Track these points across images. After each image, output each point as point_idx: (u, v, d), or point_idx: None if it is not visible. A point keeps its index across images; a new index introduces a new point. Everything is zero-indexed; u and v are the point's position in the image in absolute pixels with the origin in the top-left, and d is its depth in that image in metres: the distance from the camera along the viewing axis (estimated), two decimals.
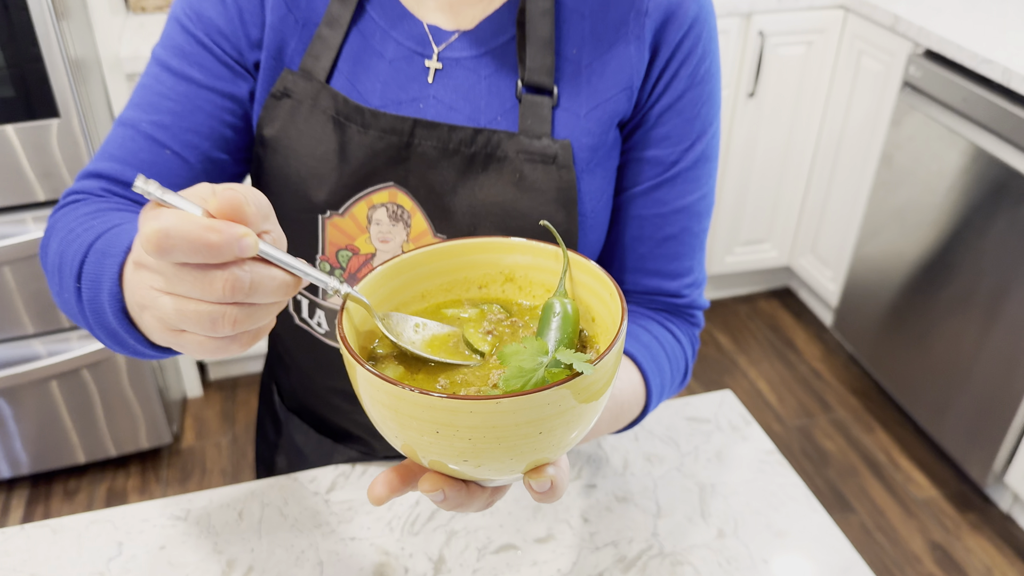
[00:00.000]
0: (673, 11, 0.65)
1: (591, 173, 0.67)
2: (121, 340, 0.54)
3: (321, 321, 0.74)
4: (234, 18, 0.66)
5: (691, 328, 0.77)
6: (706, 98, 0.69)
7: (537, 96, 0.65)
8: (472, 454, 0.41)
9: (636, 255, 0.73)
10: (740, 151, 2.34)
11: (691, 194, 0.72)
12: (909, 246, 2.08)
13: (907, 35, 1.99)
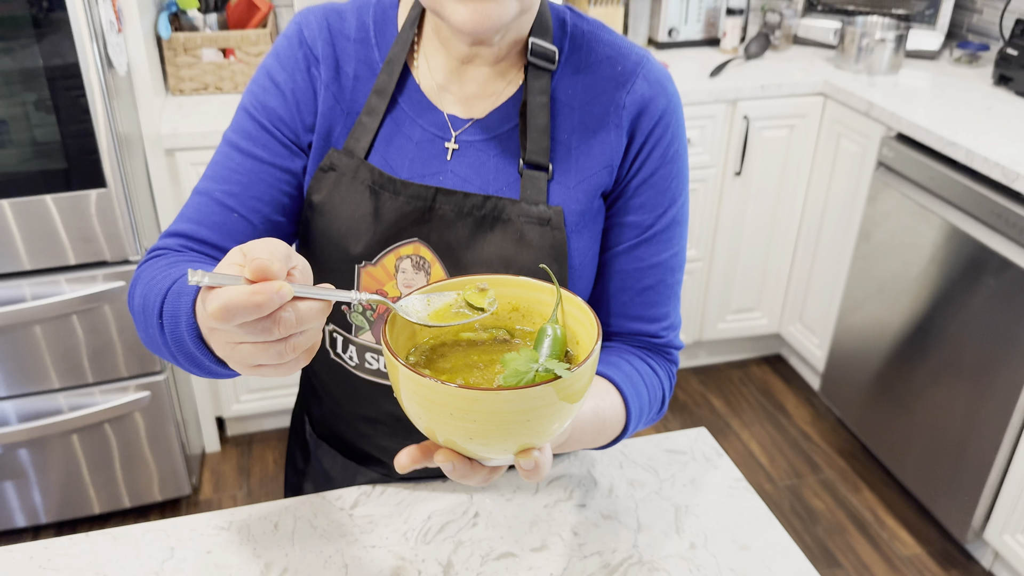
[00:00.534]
0: (646, 105, 0.81)
1: (579, 234, 0.82)
2: (200, 363, 0.67)
3: (352, 355, 0.87)
4: (292, 108, 0.82)
5: (668, 364, 0.90)
6: (675, 174, 0.84)
7: (535, 171, 0.80)
8: (476, 434, 0.55)
9: (620, 303, 0.87)
10: (729, 225, 2.50)
11: (665, 252, 0.86)
12: (890, 316, 2.21)
13: (880, 120, 2.17)
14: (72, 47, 1.66)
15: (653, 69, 0.82)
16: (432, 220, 0.79)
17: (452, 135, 0.82)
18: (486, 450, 0.57)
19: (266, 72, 0.83)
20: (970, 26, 2.70)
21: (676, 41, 2.59)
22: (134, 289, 0.77)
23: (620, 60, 0.82)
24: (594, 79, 0.82)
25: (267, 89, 0.82)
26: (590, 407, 0.76)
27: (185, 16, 2.15)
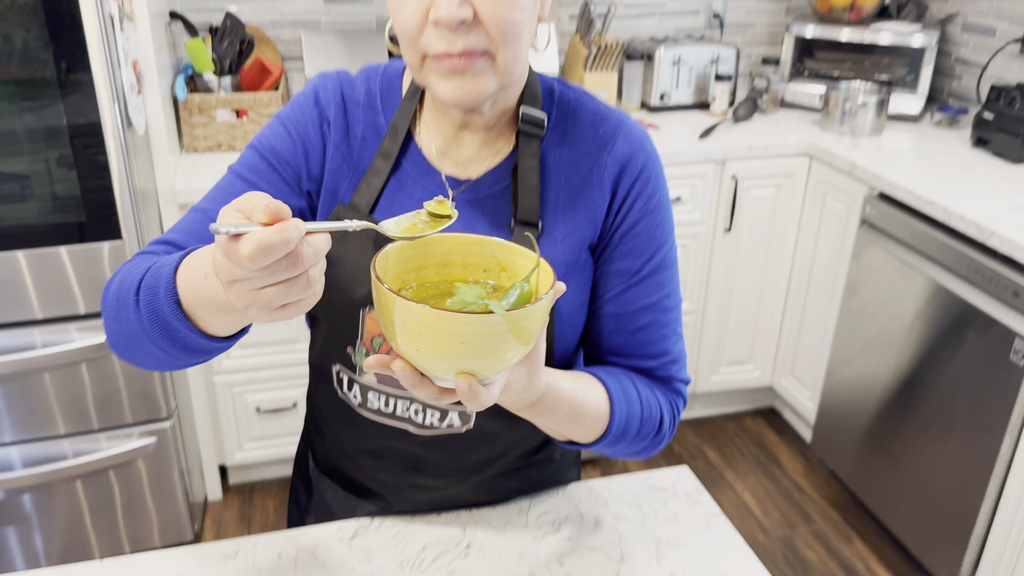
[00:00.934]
0: (626, 163, 0.89)
1: (566, 281, 0.89)
2: (176, 334, 0.72)
3: (356, 394, 0.94)
4: (300, 154, 0.90)
5: (672, 394, 0.95)
6: (658, 223, 0.92)
7: (526, 227, 0.87)
8: (420, 346, 0.63)
9: (616, 344, 0.93)
10: (720, 279, 2.58)
11: (654, 295, 0.92)
12: (878, 370, 2.27)
13: (863, 179, 2.27)
14: (95, 107, 1.76)
15: (632, 130, 0.91)
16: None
17: (450, 194, 0.89)
18: (428, 363, 0.65)
19: (280, 120, 0.92)
20: (950, 91, 2.82)
21: (668, 105, 2.70)
22: (112, 281, 0.82)
23: (601, 124, 0.90)
24: (579, 142, 0.90)
25: (278, 134, 0.90)
26: (569, 387, 0.83)
27: (201, 79, 2.27)
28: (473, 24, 0.75)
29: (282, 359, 2.31)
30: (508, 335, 0.63)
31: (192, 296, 0.70)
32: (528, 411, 0.81)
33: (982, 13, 2.66)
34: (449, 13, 0.73)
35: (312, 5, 2.60)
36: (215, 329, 0.73)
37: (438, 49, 0.76)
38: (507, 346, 0.64)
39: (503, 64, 0.79)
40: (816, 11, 2.80)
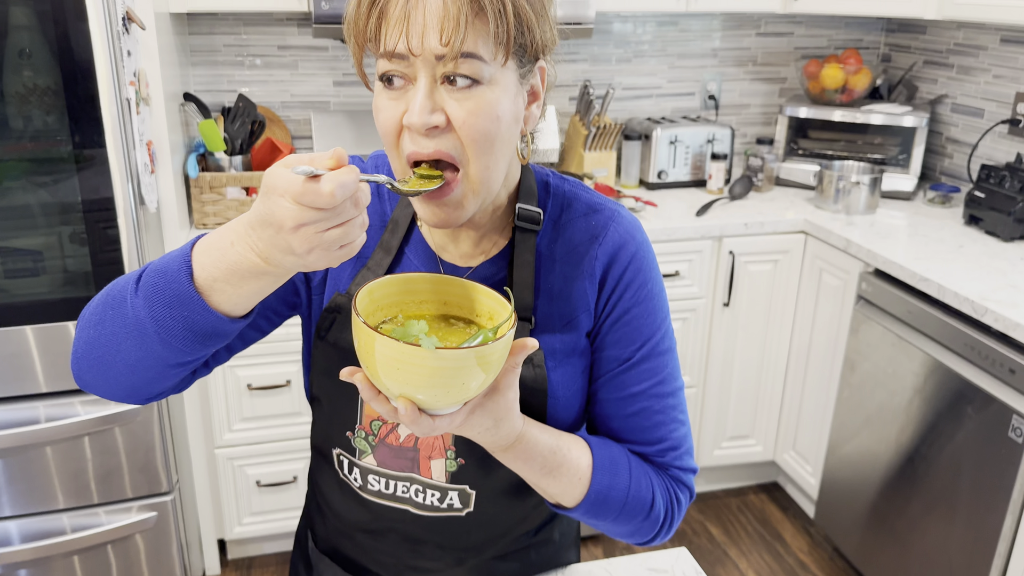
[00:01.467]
0: (616, 254, 0.92)
1: (562, 369, 0.91)
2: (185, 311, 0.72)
3: (357, 477, 0.95)
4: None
5: (672, 482, 0.95)
6: (649, 312, 0.94)
7: (519, 321, 0.89)
8: (367, 363, 0.71)
9: (612, 428, 0.95)
10: (720, 354, 2.60)
11: (646, 381, 0.94)
12: (880, 446, 2.27)
13: (858, 256, 2.31)
14: (108, 186, 1.82)
15: (623, 221, 0.94)
16: None
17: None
18: (376, 380, 0.72)
19: None
20: (942, 169, 2.89)
21: (665, 182, 2.77)
22: (95, 297, 0.81)
23: (594, 216, 0.93)
24: (573, 234, 0.93)
25: None
26: (548, 442, 0.86)
27: (212, 157, 2.34)
28: (446, 130, 0.77)
29: (283, 432, 2.31)
30: (445, 371, 0.68)
31: (213, 270, 0.71)
32: (502, 455, 0.85)
33: (970, 95, 2.75)
34: (420, 118, 0.74)
35: (321, 87, 2.69)
36: (231, 303, 0.74)
37: (409, 151, 0.77)
38: (439, 381, 0.69)
39: (475, 176, 0.79)
40: (809, 93, 2.89)
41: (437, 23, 0.73)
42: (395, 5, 0.74)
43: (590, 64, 2.88)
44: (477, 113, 0.76)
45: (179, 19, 2.39)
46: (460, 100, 0.76)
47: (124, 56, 1.79)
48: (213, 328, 0.74)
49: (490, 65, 0.76)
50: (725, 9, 2.58)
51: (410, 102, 0.76)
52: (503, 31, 0.75)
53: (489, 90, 0.77)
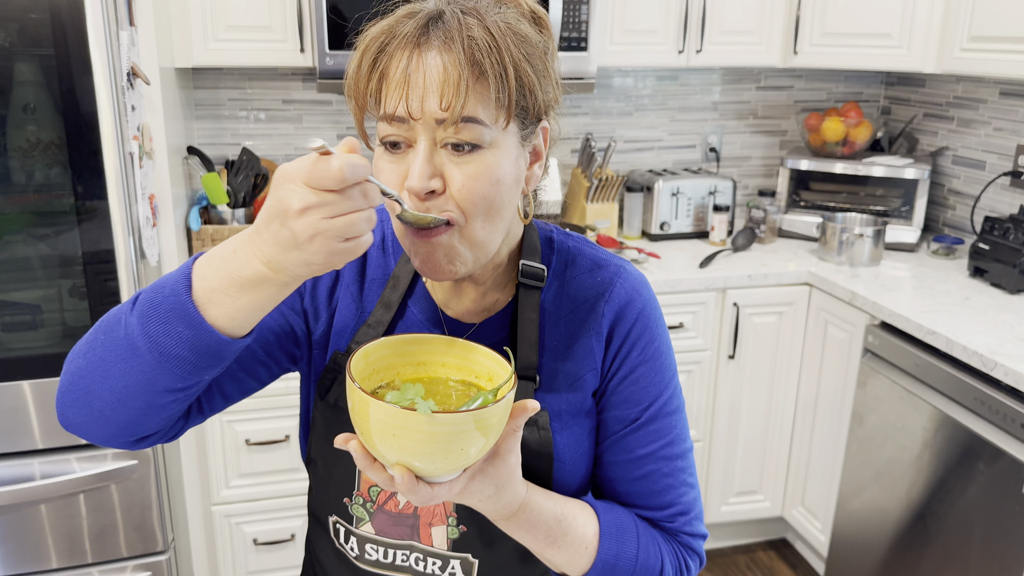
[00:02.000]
0: (622, 311, 0.90)
1: (568, 431, 0.88)
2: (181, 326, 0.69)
3: (353, 546, 0.92)
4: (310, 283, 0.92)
5: (681, 548, 0.92)
6: (656, 371, 0.91)
7: (523, 381, 0.87)
8: (362, 429, 0.69)
9: (619, 492, 0.92)
10: (726, 407, 2.56)
11: (654, 443, 0.91)
12: (889, 502, 2.22)
13: (864, 309, 2.29)
14: (109, 240, 1.81)
15: (629, 277, 0.91)
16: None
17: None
18: (371, 447, 0.70)
19: None
20: (945, 220, 2.89)
21: (668, 234, 2.76)
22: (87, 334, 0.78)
23: (600, 272, 0.91)
24: (577, 290, 0.91)
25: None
26: (553, 510, 0.83)
27: (215, 210, 2.34)
28: (443, 194, 0.75)
29: (281, 488, 2.27)
30: (442, 436, 0.66)
31: (213, 280, 0.69)
32: (504, 523, 0.82)
33: (970, 147, 2.76)
34: (419, 183, 0.73)
35: (326, 140, 2.69)
36: (229, 318, 0.70)
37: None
38: (436, 447, 0.67)
39: (472, 236, 0.77)
40: (810, 145, 2.90)
41: (437, 87, 0.72)
42: (396, 68, 0.73)
43: (592, 117, 2.90)
44: (476, 177, 0.75)
45: (184, 74, 2.41)
46: (460, 164, 0.75)
47: (128, 111, 1.80)
48: (208, 347, 0.70)
49: (491, 129, 0.75)
50: (725, 64, 2.61)
51: (410, 166, 0.75)
52: (504, 95, 0.74)
53: (490, 153, 0.76)
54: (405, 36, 0.74)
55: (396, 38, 0.74)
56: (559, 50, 2.30)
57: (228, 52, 2.24)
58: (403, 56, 0.73)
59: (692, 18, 2.52)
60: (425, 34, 0.73)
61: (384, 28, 0.76)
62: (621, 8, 2.47)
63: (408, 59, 0.73)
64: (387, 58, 0.74)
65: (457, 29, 0.73)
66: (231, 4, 2.21)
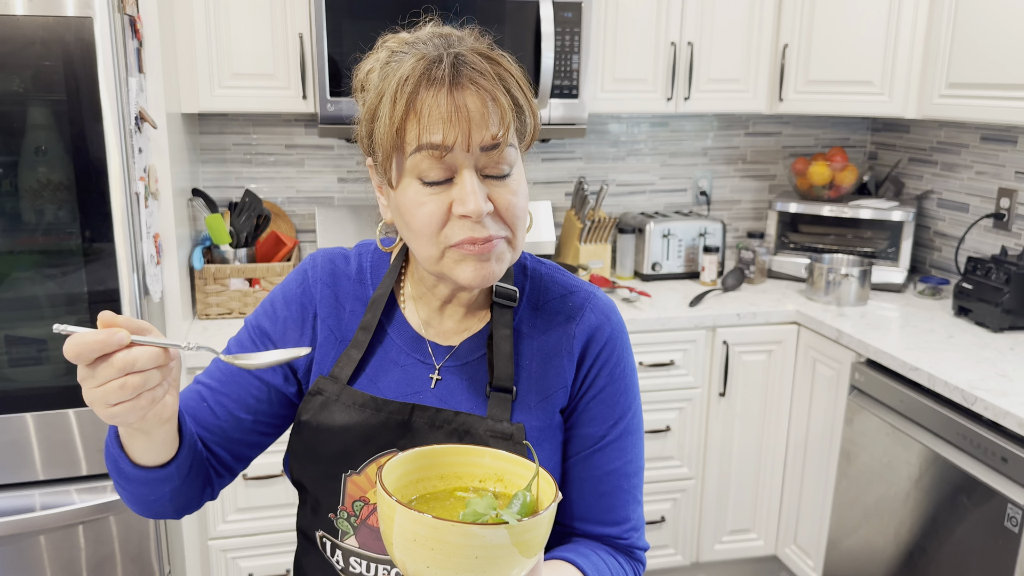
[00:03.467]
0: (593, 334, 0.96)
1: (540, 446, 0.94)
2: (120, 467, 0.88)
3: (339, 559, 0.97)
4: (280, 331, 0.98)
5: (635, 563, 0.99)
6: (623, 391, 0.98)
7: (501, 393, 0.93)
8: (432, 563, 0.64)
9: (583, 507, 0.97)
10: (718, 444, 2.60)
11: (619, 459, 0.97)
12: (881, 539, 2.24)
13: (850, 346, 2.34)
14: (114, 277, 1.88)
15: (599, 303, 0.98)
16: (409, 432, 0.92)
17: (436, 367, 0.96)
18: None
19: (270, 298, 1.02)
20: (931, 262, 2.95)
21: (659, 274, 2.83)
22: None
23: (571, 297, 0.98)
24: (550, 313, 0.97)
25: (266, 312, 1.01)
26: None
27: (218, 250, 2.41)
28: (493, 215, 0.85)
29: (277, 524, 2.30)
30: (514, 548, 0.65)
31: (122, 434, 0.85)
32: None
33: (954, 191, 2.83)
34: (478, 208, 0.82)
35: (326, 184, 2.79)
36: (140, 455, 0.87)
37: (463, 237, 0.84)
38: (515, 559, 0.66)
39: (517, 244, 0.89)
40: (797, 189, 2.98)
41: (485, 119, 0.82)
42: (436, 104, 0.81)
43: (585, 162, 2.98)
44: (516, 194, 0.87)
45: (191, 119, 2.51)
46: (500, 186, 0.85)
47: (135, 153, 1.88)
48: (138, 477, 0.88)
49: (517, 151, 0.87)
50: (712, 110, 2.70)
51: (461, 195, 0.83)
52: (529, 123, 0.88)
53: (516, 172, 0.87)
54: (439, 78, 0.81)
55: (431, 81, 0.81)
56: (551, 97, 2.40)
57: (233, 99, 2.34)
58: (442, 92, 0.81)
59: (680, 67, 2.62)
60: (457, 73, 0.82)
61: (409, 73, 0.82)
62: (611, 57, 2.57)
63: (450, 95, 0.81)
64: (421, 99, 0.81)
65: (486, 68, 0.83)
66: (236, 52, 2.31)
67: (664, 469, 2.58)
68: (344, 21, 2.28)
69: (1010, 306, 2.34)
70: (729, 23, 2.64)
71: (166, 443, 0.86)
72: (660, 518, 2.61)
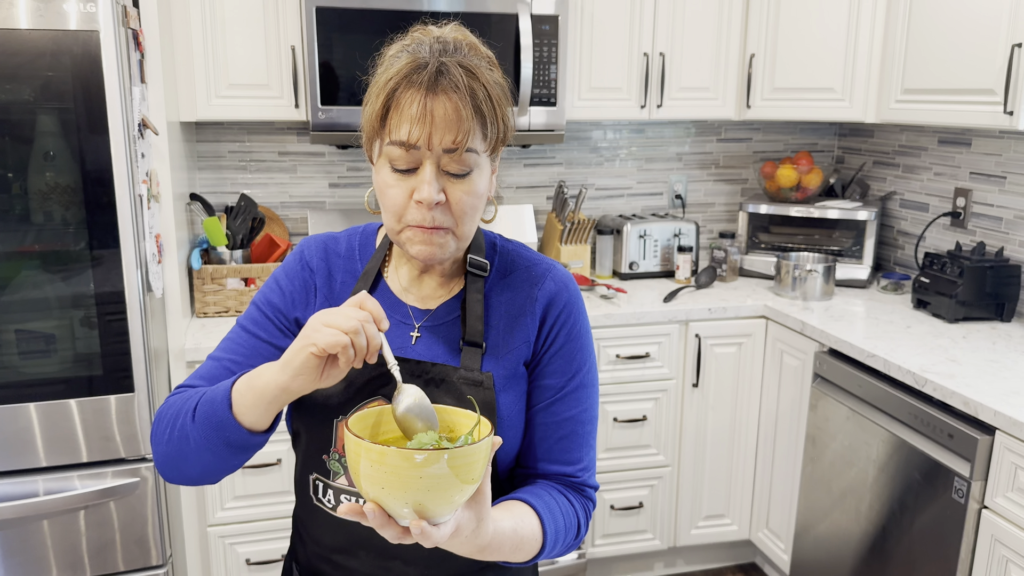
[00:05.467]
0: (552, 299, 1.11)
1: (506, 392, 1.07)
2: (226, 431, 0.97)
3: (331, 498, 1.09)
4: (288, 301, 1.12)
5: (584, 500, 1.12)
6: (579, 348, 1.12)
7: (472, 347, 1.07)
8: (385, 482, 0.77)
9: (543, 449, 1.11)
10: (692, 433, 2.73)
11: (575, 408, 1.11)
12: (846, 520, 2.38)
13: (813, 337, 2.48)
14: (119, 274, 2.00)
15: (558, 273, 1.14)
16: (393, 382, 1.05)
17: (416, 326, 1.10)
18: (391, 501, 0.79)
19: (275, 278, 1.15)
20: (895, 259, 3.10)
21: (636, 273, 2.97)
22: (161, 416, 1.05)
23: (534, 268, 1.13)
24: (516, 281, 1.12)
25: (272, 289, 1.14)
26: (509, 525, 0.97)
27: (215, 251, 2.53)
28: (444, 207, 0.99)
29: (272, 511, 2.41)
30: (451, 472, 0.78)
31: (243, 397, 0.95)
32: (479, 554, 0.95)
33: (915, 191, 2.98)
34: (429, 197, 0.97)
35: (318, 189, 2.92)
36: (253, 422, 0.97)
37: (416, 220, 1.00)
38: (454, 484, 0.79)
39: (461, 234, 1.03)
40: (766, 191, 3.13)
41: (449, 126, 0.95)
42: (412, 105, 0.95)
43: (566, 167, 3.13)
44: (469, 193, 1.00)
45: (188, 127, 2.64)
46: (456, 183, 0.99)
47: (139, 158, 2.01)
48: (245, 442, 0.98)
49: (480, 156, 1.00)
50: (684, 117, 2.85)
51: (419, 184, 0.98)
52: (493, 133, 1.00)
53: (476, 174, 1.00)
54: (420, 82, 0.96)
55: (411, 83, 0.96)
56: (531, 104, 2.54)
57: (229, 108, 2.47)
58: (418, 96, 0.96)
59: (652, 76, 2.77)
60: (434, 82, 0.96)
61: (396, 72, 0.97)
62: (588, 67, 2.72)
63: (424, 100, 0.96)
64: (401, 96, 0.96)
65: (461, 80, 0.97)
66: (232, 63, 2.45)
67: (641, 457, 2.71)
68: (334, 34, 2.42)
69: (964, 298, 2.49)
70: (698, 34, 2.79)
71: (273, 411, 0.97)
72: (638, 504, 2.74)
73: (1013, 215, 2.58)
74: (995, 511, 1.87)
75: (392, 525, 0.82)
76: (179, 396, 1.06)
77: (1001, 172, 2.62)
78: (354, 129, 2.49)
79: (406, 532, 0.82)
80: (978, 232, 2.71)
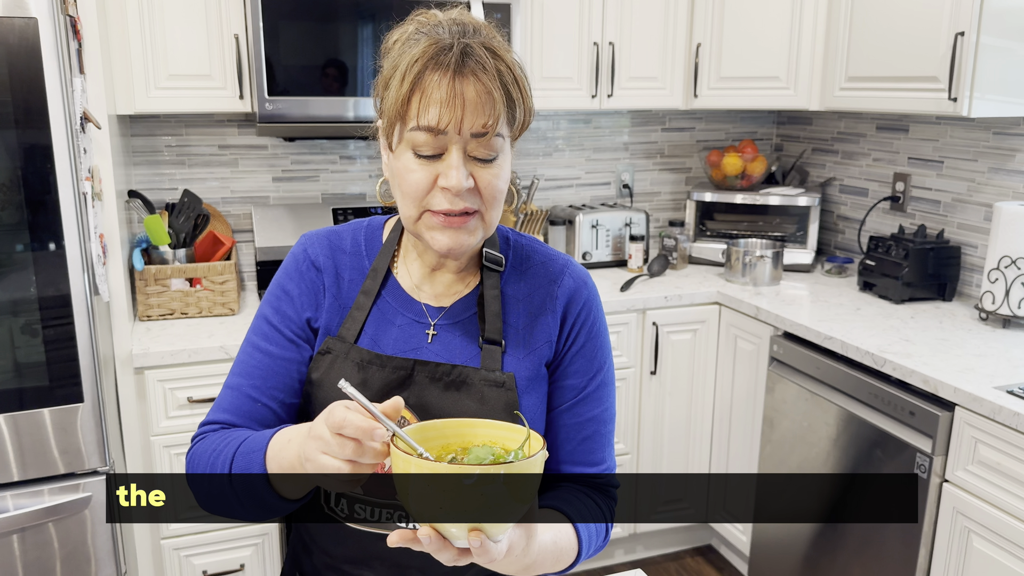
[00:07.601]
0: (572, 296, 1.08)
1: (528, 394, 1.04)
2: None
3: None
4: (298, 307, 1.05)
5: (609, 500, 1.10)
6: (600, 346, 1.09)
7: (492, 346, 1.03)
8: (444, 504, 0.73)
9: (566, 451, 1.08)
10: (651, 420, 2.75)
11: (597, 408, 1.09)
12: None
13: (768, 321, 2.53)
14: (65, 277, 1.87)
15: (576, 270, 1.10)
16: (411, 386, 1.01)
17: (431, 323, 1.06)
18: (450, 520, 0.75)
19: (279, 284, 1.08)
20: (836, 244, 3.19)
21: (590, 263, 2.97)
22: (195, 462, 0.99)
23: (551, 264, 1.10)
24: (533, 278, 1.09)
25: (279, 297, 1.07)
26: (550, 537, 0.94)
27: (156, 251, 2.41)
28: (472, 191, 0.95)
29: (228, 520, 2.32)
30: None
31: (272, 464, 0.91)
32: (525, 571, 0.90)
33: (854, 177, 3.08)
34: (459, 184, 0.92)
35: (262, 183, 2.81)
36: (288, 492, 0.93)
37: (442, 207, 0.95)
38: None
39: (489, 221, 0.99)
40: (712, 179, 3.18)
41: (479, 109, 0.90)
42: (438, 89, 0.90)
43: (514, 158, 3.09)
44: (497, 177, 0.96)
45: (123, 121, 2.50)
46: (482, 169, 0.95)
47: (81, 153, 1.89)
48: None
49: (505, 141, 0.96)
50: (634, 106, 2.86)
51: (446, 170, 0.93)
52: (520, 116, 0.96)
53: (503, 159, 0.96)
54: (447, 63, 0.91)
55: (439, 65, 0.91)
56: None
57: (170, 100, 2.35)
58: (445, 79, 0.90)
59: (603, 65, 2.77)
60: (461, 63, 0.91)
61: (422, 54, 0.91)
62: (539, 56, 2.70)
63: (452, 83, 0.90)
64: (426, 80, 0.91)
65: (488, 61, 0.92)
66: (172, 54, 2.33)
67: None
68: (280, 22, 2.33)
69: (909, 279, 2.58)
70: (646, 24, 2.80)
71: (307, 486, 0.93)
72: None
73: (951, 198, 2.69)
74: (956, 484, 1.94)
75: (448, 548, 0.77)
76: (207, 443, 0.99)
77: (939, 157, 2.72)
78: (304, 121, 2.41)
79: (462, 553, 0.78)
80: (917, 215, 2.81)
